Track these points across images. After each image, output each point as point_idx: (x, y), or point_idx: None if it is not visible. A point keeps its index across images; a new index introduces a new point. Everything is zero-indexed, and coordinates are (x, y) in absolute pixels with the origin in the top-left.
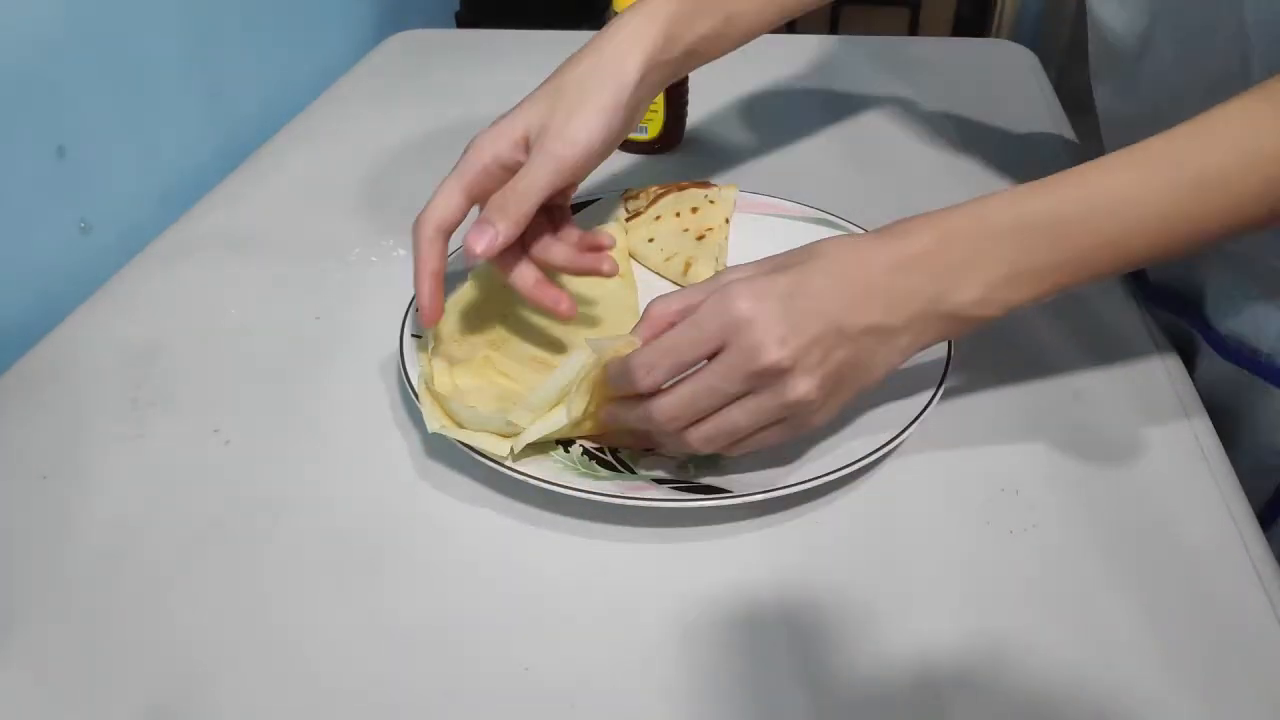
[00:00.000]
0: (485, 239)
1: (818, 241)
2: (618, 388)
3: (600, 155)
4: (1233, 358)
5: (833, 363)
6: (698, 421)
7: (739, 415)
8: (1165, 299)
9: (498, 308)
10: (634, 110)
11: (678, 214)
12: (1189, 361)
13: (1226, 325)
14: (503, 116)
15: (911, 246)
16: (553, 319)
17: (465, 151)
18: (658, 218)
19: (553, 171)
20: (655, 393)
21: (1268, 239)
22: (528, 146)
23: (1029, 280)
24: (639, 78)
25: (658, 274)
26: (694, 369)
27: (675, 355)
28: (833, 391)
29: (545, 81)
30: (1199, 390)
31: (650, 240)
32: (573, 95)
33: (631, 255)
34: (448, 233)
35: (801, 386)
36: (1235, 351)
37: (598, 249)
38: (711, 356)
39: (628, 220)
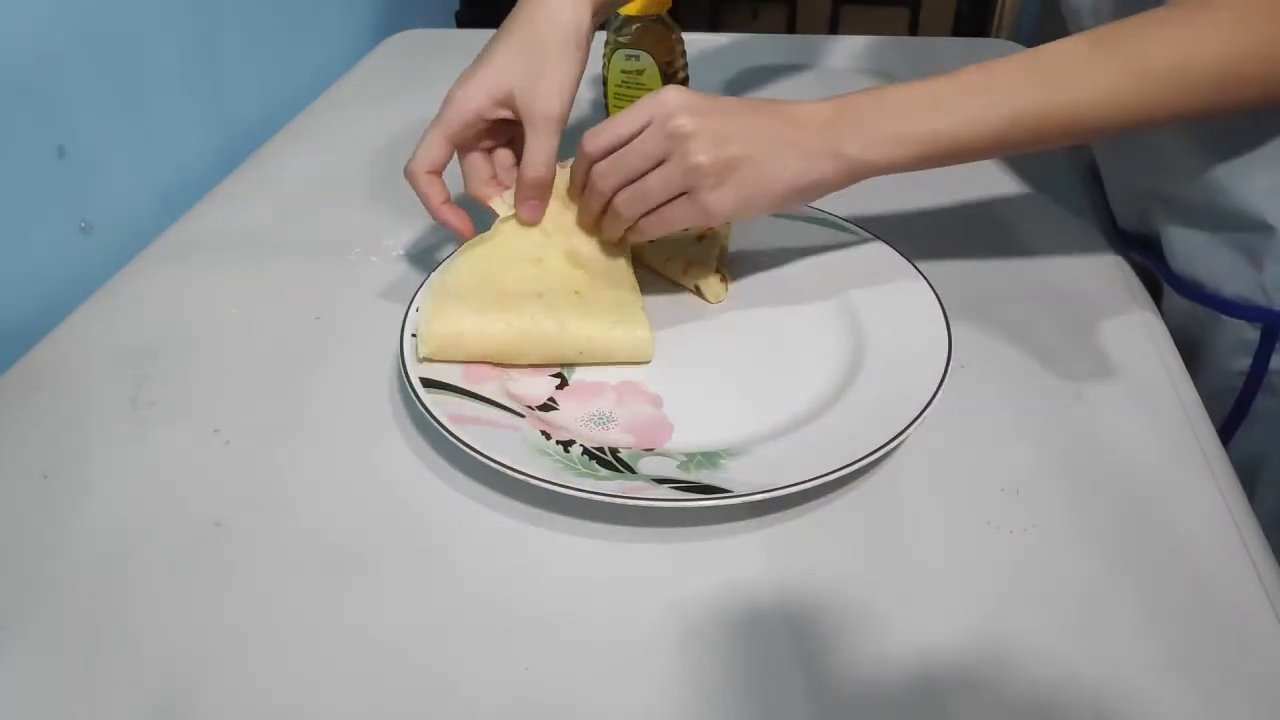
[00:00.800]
0: (538, 211)
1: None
2: (580, 156)
3: (572, 100)
4: (1187, 293)
5: (731, 149)
6: (624, 189)
7: (652, 179)
8: (1133, 242)
9: (498, 272)
10: (587, 51)
11: None
12: (1157, 298)
13: (1180, 264)
14: (477, 70)
15: (820, 108)
16: (543, 278)
17: (446, 104)
18: None
19: (555, 133)
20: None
21: (1211, 183)
22: (510, 104)
23: (905, 142)
24: (590, 21)
25: (657, 273)
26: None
27: (614, 127)
28: (726, 179)
29: (507, 32)
30: (1166, 325)
31: (650, 240)
32: (542, 52)
33: (632, 254)
34: (439, 174)
35: (700, 154)
36: (1189, 287)
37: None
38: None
39: None
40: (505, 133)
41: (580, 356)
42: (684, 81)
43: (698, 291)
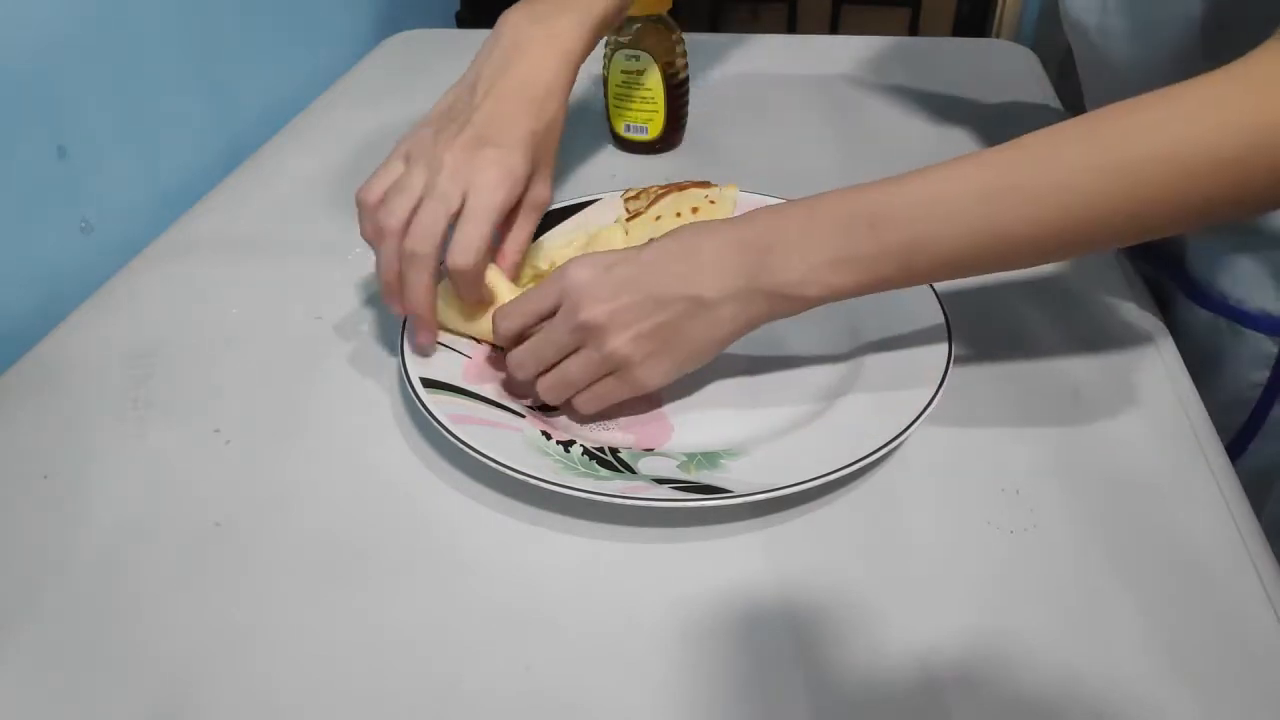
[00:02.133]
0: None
1: (684, 225)
2: (496, 335)
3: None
4: (1210, 305)
5: (648, 324)
6: (545, 374)
7: (572, 366)
8: (1146, 255)
9: None
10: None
11: (678, 214)
12: (1165, 309)
13: (1204, 276)
14: (492, 149)
15: (745, 230)
16: None
17: (482, 189)
18: (658, 218)
19: (534, 224)
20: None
21: None
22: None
23: (850, 267)
24: (572, 79)
25: None
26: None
27: (523, 307)
28: (652, 352)
29: (510, 118)
30: (1175, 335)
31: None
32: (540, 149)
33: None
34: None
35: (615, 341)
36: (1209, 298)
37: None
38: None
39: (628, 220)
40: None
41: None
42: (684, 81)
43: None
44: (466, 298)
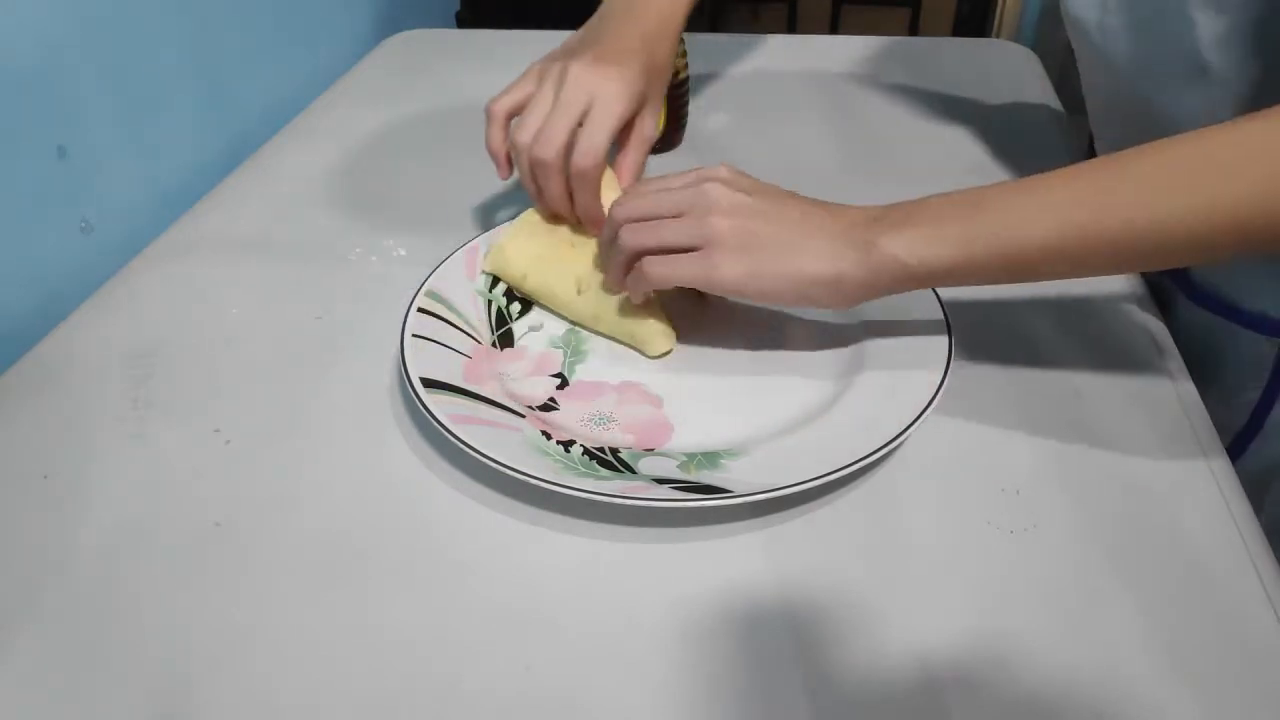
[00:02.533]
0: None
1: None
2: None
3: None
4: (1207, 304)
5: (754, 223)
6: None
7: (669, 224)
8: None
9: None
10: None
11: None
12: (1165, 310)
13: (1205, 277)
14: (614, 67)
15: (864, 208)
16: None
17: (604, 98)
18: None
19: (643, 155)
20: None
21: None
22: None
23: (946, 242)
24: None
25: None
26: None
27: (666, 179)
28: (741, 246)
29: (629, 48)
30: (1175, 335)
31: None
32: (651, 84)
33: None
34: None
35: (718, 219)
36: (1209, 298)
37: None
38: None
39: None
40: None
41: (596, 323)
42: (684, 81)
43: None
44: (583, 204)
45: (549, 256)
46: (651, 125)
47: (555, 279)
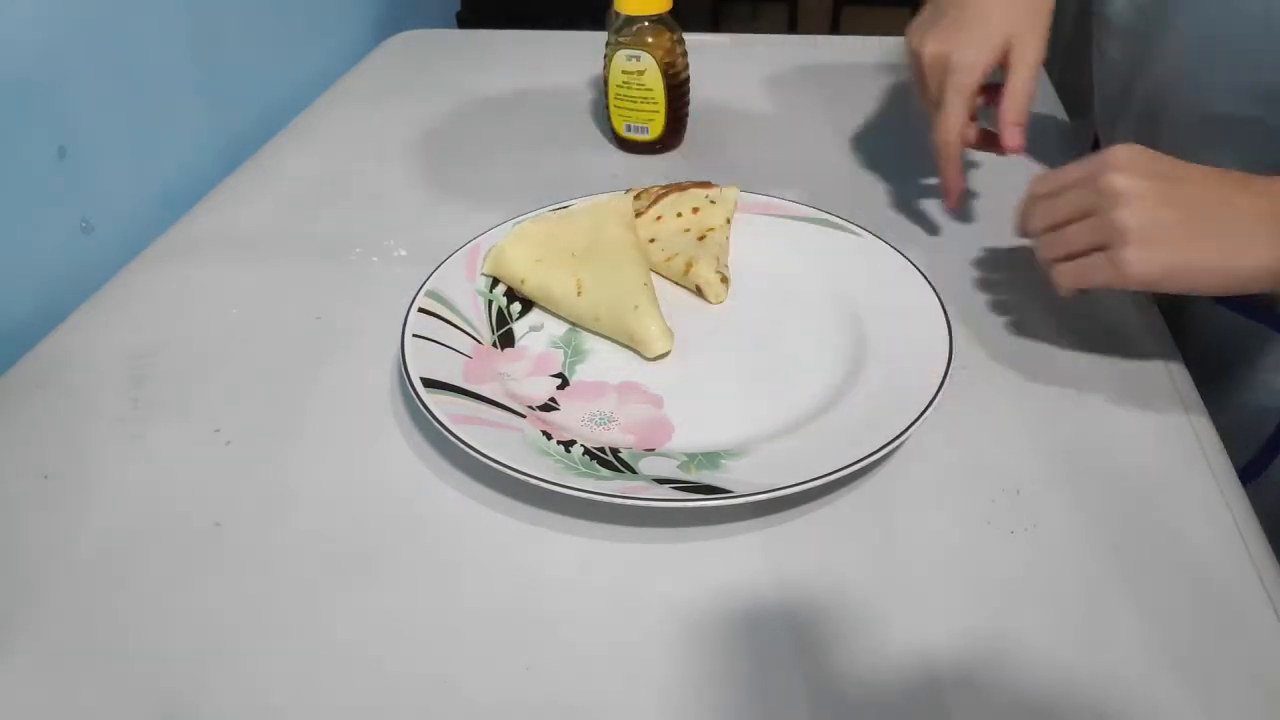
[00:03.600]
0: (1022, 140)
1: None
2: (1028, 197)
3: None
4: (1236, 308)
5: (1163, 212)
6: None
7: (1074, 227)
8: None
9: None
10: None
11: (679, 214)
12: (1180, 319)
13: None
14: (970, 31)
15: None
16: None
17: (955, 72)
18: (659, 218)
19: (1033, 79)
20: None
21: None
22: (1005, 54)
23: None
24: None
25: (657, 273)
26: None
27: (1061, 175)
28: (1153, 239)
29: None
30: (1192, 338)
31: (652, 240)
32: (1030, 11)
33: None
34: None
35: (1123, 214)
36: (1238, 302)
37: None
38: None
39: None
40: None
41: (596, 324)
42: (684, 81)
43: (698, 291)
44: (946, 170)
45: (548, 259)
46: (1031, 52)
47: (555, 281)
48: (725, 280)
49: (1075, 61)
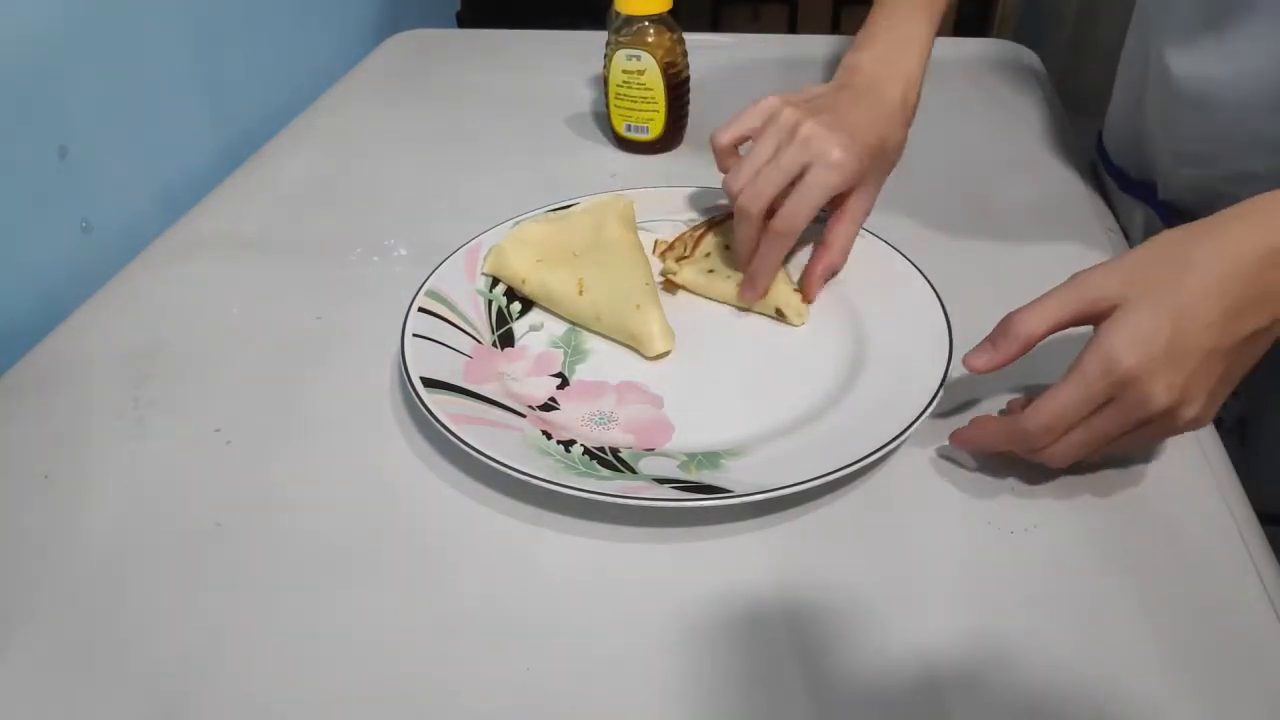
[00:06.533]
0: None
1: (1163, 241)
2: (1016, 446)
3: None
4: None
5: (1213, 379)
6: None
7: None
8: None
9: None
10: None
11: (726, 246)
12: None
13: None
14: (844, 136)
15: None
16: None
17: (823, 166)
18: (708, 254)
19: (854, 231)
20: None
21: None
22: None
23: None
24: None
25: (725, 304)
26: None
27: (1068, 418)
28: (1211, 401)
29: (863, 124)
30: None
31: (711, 271)
32: (875, 164)
33: (692, 290)
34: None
35: (1188, 413)
36: None
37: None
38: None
39: (676, 268)
40: None
41: (597, 323)
42: (684, 81)
43: (779, 315)
44: (764, 258)
45: (549, 259)
46: (866, 204)
47: (556, 280)
48: (806, 299)
49: (1076, 61)
